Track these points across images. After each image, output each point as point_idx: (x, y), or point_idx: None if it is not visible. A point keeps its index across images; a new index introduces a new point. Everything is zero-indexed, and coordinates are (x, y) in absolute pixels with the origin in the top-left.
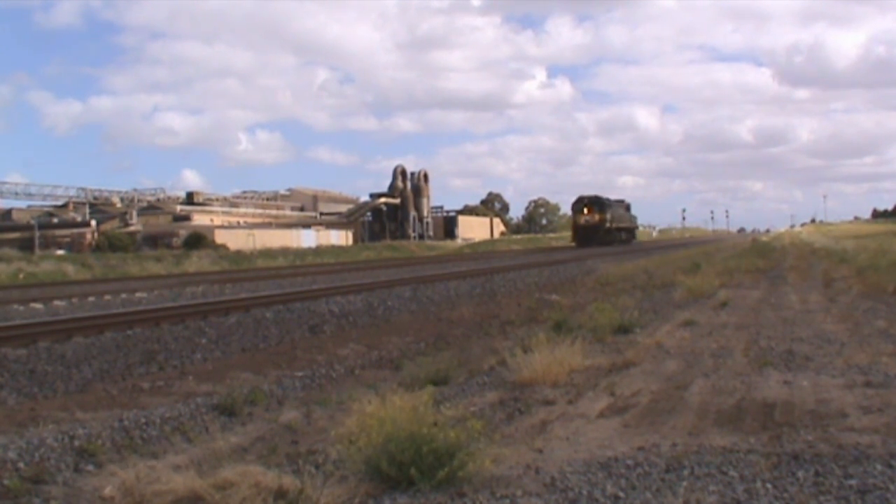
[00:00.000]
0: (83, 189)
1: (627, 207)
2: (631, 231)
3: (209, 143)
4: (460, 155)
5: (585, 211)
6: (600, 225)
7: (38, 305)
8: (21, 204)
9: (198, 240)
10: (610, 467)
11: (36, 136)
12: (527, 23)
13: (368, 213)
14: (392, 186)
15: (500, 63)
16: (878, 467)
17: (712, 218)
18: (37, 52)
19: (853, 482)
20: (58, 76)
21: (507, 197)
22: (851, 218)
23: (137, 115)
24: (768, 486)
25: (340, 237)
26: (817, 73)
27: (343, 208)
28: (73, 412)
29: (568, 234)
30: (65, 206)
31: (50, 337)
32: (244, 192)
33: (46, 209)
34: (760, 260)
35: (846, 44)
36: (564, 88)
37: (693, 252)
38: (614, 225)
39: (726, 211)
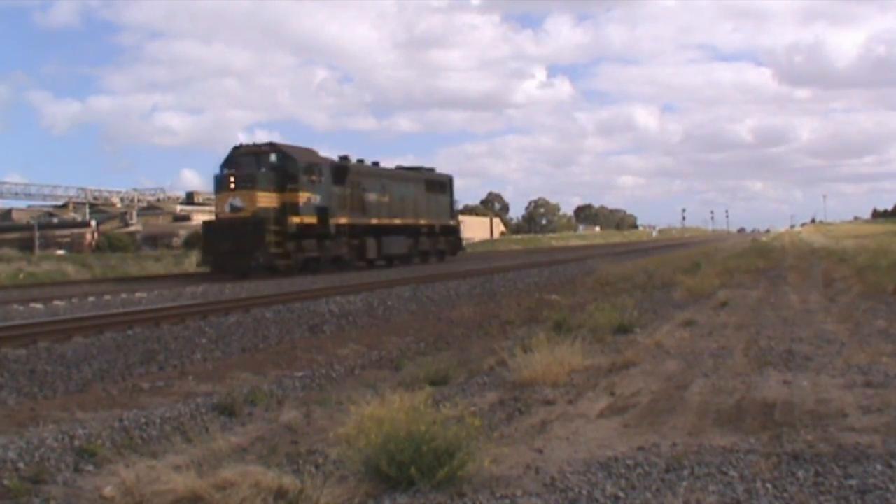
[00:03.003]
0: (83, 189)
1: (438, 185)
2: (448, 233)
3: (209, 143)
4: (460, 155)
5: (231, 184)
6: (265, 221)
7: (38, 305)
8: (21, 204)
9: (198, 240)
10: (610, 467)
11: (35, 136)
12: (526, 22)
13: None
14: None
15: (499, 62)
16: (878, 467)
17: (712, 218)
18: (35, 52)
19: (853, 482)
20: (56, 76)
21: (506, 197)
22: (851, 218)
23: (136, 115)
24: (768, 486)
25: None
26: (817, 73)
27: None
28: (73, 412)
29: (568, 234)
30: (65, 206)
31: (50, 337)
32: None
33: (46, 209)
34: (760, 260)
35: (846, 43)
36: (564, 88)
37: (693, 252)
38: (349, 220)
39: (726, 211)
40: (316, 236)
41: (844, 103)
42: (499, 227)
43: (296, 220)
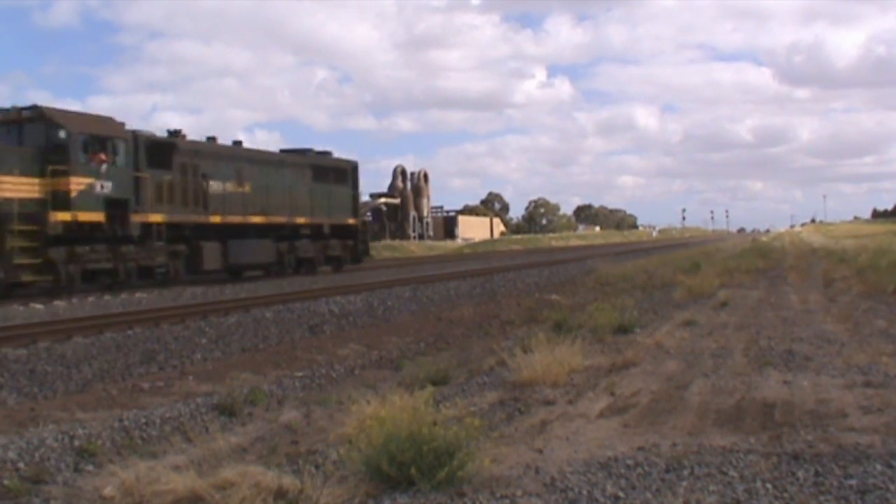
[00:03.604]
0: None
1: (334, 173)
2: (347, 235)
3: None
4: (459, 155)
5: None
6: (7, 218)
7: (38, 305)
8: None
9: None
10: (610, 467)
11: None
12: (526, 21)
13: (368, 213)
14: (392, 186)
15: (499, 62)
16: (878, 467)
17: (712, 218)
18: (35, 52)
19: (853, 482)
20: (56, 75)
21: (506, 197)
22: (851, 218)
23: (136, 115)
24: (768, 486)
25: None
26: (817, 73)
27: None
28: (73, 412)
29: (568, 234)
30: None
31: (50, 337)
32: None
33: None
34: (760, 260)
35: (846, 43)
36: (564, 88)
37: (693, 252)
38: (168, 217)
39: (726, 211)
40: (107, 240)
41: (844, 103)
42: (499, 227)
43: (63, 216)
